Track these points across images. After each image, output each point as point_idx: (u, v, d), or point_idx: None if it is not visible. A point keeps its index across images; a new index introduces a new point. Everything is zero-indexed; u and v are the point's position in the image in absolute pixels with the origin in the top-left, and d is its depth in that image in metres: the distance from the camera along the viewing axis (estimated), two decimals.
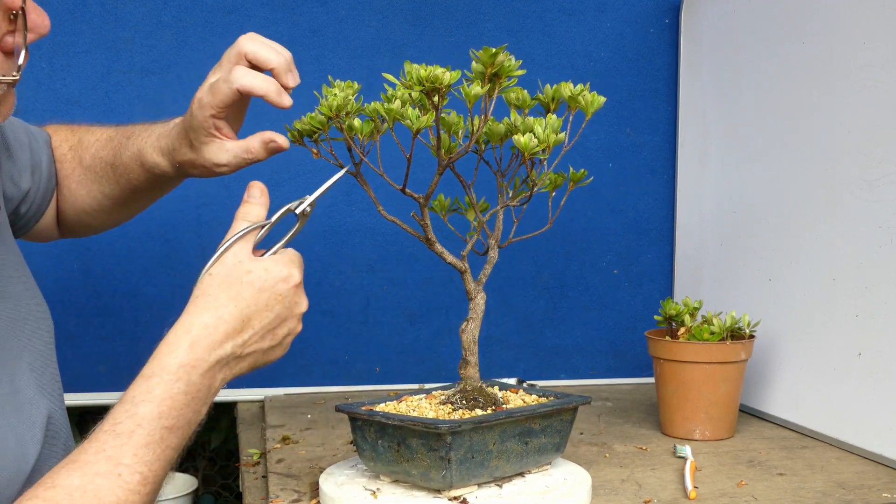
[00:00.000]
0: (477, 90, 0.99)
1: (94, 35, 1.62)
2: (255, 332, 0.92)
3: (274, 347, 0.95)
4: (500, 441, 1.03)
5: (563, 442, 1.12)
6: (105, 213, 1.23)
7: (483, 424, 1.01)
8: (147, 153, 1.14)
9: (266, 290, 0.92)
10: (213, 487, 2.14)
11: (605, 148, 1.81)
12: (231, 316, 0.91)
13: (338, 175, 1.02)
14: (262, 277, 0.93)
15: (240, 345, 0.91)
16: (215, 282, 0.92)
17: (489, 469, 1.03)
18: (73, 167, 1.22)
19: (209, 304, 0.91)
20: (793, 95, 1.45)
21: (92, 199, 1.21)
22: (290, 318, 0.95)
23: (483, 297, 1.12)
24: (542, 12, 1.78)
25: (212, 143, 1.08)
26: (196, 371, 0.88)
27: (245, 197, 0.99)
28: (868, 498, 1.10)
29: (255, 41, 1.04)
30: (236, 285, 0.92)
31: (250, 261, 0.93)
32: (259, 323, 0.92)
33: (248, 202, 0.98)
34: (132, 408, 0.86)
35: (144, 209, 1.27)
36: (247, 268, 0.93)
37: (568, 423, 1.11)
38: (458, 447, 0.99)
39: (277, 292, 0.93)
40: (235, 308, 0.91)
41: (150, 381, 0.87)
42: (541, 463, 1.11)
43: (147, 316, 1.67)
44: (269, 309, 0.93)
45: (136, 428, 0.84)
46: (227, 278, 0.92)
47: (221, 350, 0.90)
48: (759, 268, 1.53)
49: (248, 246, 0.95)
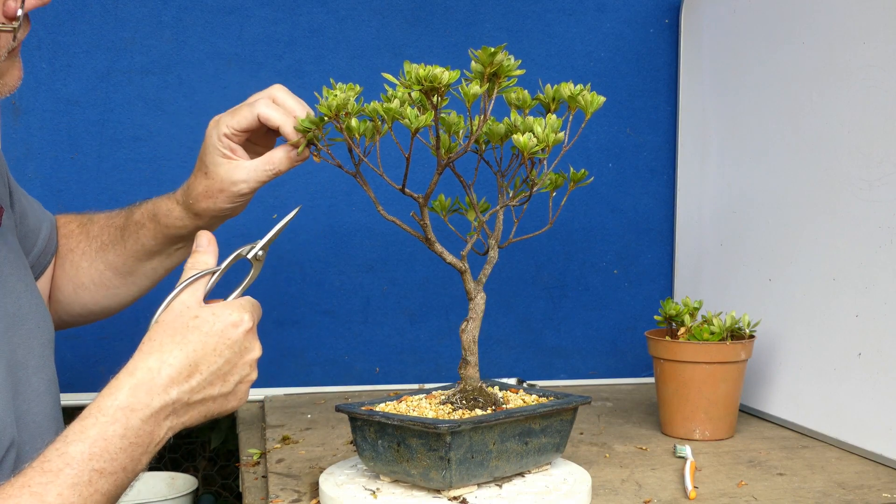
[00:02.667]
0: (476, 90, 0.99)
1: (94, 35, 1.62)
2: (203, 378, 0.90)
3: (227, 395, 0.92)
4: (500, 441, 1.03)
5: (563, 442, 1.12)
6: (105, 287, 1.22)
7: (483, 424, 1.01)
8: (160, 203, 1.15)
9: (214, 335, 0.91)
10: (213, 487, 2.14)
11: (605, 148, 1.81)
12: (177, 360, 0.89)
13: (287, 218, 1.02)
14: (210, 321, 0.91)
15: (187, 391, 0.89)
16: (161, 328, 0.91)
17: (489, 469, 1.03)
18: (79, 240, 1.22)
19: (154, 348, 0.89)
20: (793, 95, 1.45)
21: (94, 270, 1.21)
22: (242, 365, 0.93)
23: (483, 297, 1.12)
24: (542, 12, 1.78)
25: (227, 164, 1.08)
26: (136, 415, 0.86)
27: (193, 247, 0.98)
28: (868, 498, 1.10)
29: (284, 92, 1.07)
30: (182, 330, 0.90)
31: (198, 307, 0.92)
32: (207, 368, 0.90)
33: (196, 252, 0.97)
34: (63, 446, 0.83)
35: (143, 290, 1.26)
36: (194, 313, 0.91)
37: (568, 423, 1.11)
38: (457, 447, 0.99)
39: (227, 337, 0.91)
40: (181, 353, 0.89)
41: (84, 422, 0.85)
42: (541, 463, 1.10)
43: (147, 316, 1.66)
44: (218, 354, 0.91)
45: (65, 467, 0.82)
46: (173, 324, 0.91)
47: (166, 395, 0.87)
48: (759, 268, 1.53)
49: (197, 293, 0.93)
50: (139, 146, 1.65)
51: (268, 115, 1.05)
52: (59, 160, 1.62)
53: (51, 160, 1.62)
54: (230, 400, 0.93)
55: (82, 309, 1.24)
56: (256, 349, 0.94)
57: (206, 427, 2.07)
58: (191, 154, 1.65)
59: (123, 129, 1.64)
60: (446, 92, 1.00)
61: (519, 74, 1.02)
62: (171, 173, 1.66)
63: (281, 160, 1.07)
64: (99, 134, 1.64)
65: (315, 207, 1.72)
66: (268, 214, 1.70)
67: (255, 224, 1.69)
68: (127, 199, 1.63)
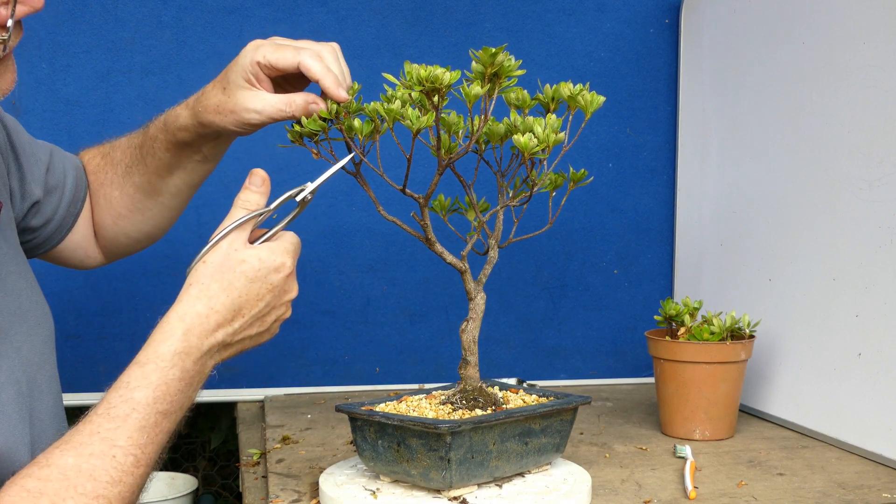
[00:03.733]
0: (477, 90, 0.99)
1: (94, 35, 1.62)
2: (245, 321, 0.94)
3: (262, 333, 0.97)
4: (500, 441, 1.03)
5: (563, 442, 1.12)
6: (139, 211, 1.23)
7: (483, 424, 1.01)
8: (171, 113, 1.15)
9: (258, 281, 0.94)
10: (213, 487, 2.14)
11: (605, 148, 1.81)
12: (223, 306, 0.93)
13: (340, 163, 1.03)
14: (256, 267, 0.94)
15: (230, 333, 0.94)
16: (209, 270, 0.94)
17: (489, 469, 1.03)
18: (106, 171, 1.24)
19: (202, 293, 0.93)
20: (793, 95, 1.45)
21: (126, 196, 1.23)
22: (279, 306, 0.97)
23: (483, 298, 1.12)
24: (542, 12, 1.78)
25: (247, 90, 1.07)
26: (189, 358, 0.90)
27: (246, 183, 1.00)
28: (868, 498, 1.10)
29: (335, 54, 1.07)
30: (229, 275, 0.94)
31: (245, 249, 0.95)
32: (249, 312, 0.94)
33: (248, 188, 1.00)
34: (127, 392, 0.87)
35: (174, 209, 1.26)
36: (241, 257, 0.94)
37: (568, 424, 1.11)
38: (457, 447, 0.99)
39: (269, 282, 0.95)
40: (227, 298, 0.93)
41: (145, 368, 0.89)
42: (541, 463, 1.10)
43: (147, 316, 1.66)
44: (260, 299, 0.95)
45: (132, 412, 0.86)
46: (220, 267, 0.94)
47: (213, 338, 0.92)
48: (759, 268, 1.53)
49: (244, 234, 0.96)
50: None
51: (309, 66, 1.04)
52: None
53: None
54: (264, 336, 0.98)
55: (127, 238, 1.26)
56: (294, 290, 0.98)
57: (206, 427, 2.07)
58: None
59: (123, 129, 1.63)
60: (447, 92, 1.00)
61: (520, 75, 1.02)
62: None
63: (299, 107, 1.06)
64: (99, 134, 1.63)
65: (315, 207, 1.71)
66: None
67: None
68: None
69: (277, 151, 1.69)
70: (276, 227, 0.99)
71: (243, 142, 1.69)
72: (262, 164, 1.72)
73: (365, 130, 1.05)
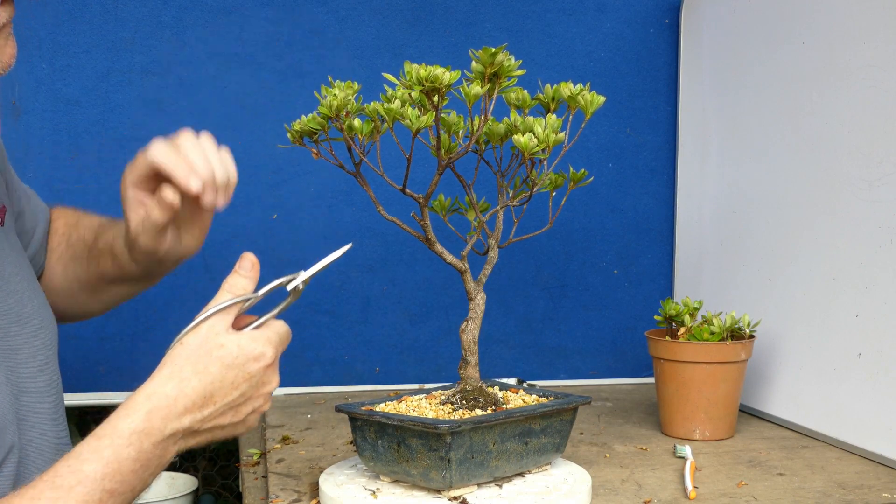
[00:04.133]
0: (477, 90, 0.99)
1: (94, 35, 1.62)
2: (216, 409, 0.89)
3: (235, 424, 0.91)
4: (500, 441, 1.03)
5: (563, 442, 1.12)
6: (72, 296, 1.21)
7: (483, 424, 1.01)
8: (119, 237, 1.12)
9: (234, 368, 0.89)
10: (213, 487, 2.14)
11: (605, 148, 1.81)
12: (194, 390, 0.88)
13: (336, 254, 0.99)
14: (234, 354, 0.89)
15: (199, 420, 0.88)
16: (185, 352, 0.89)
17: (489, 469, 1.03)
18: (59, 243, 1.21)
19: (174, 374, 0.88)
20: (793, 95, 1.45)
21: (64, 278, 1.20)
22: (256, 397, 0.92)
23: (483, 298, 1.12)
24: (542, 12, 1.78)
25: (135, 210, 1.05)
26: (149, 439, 0.86)
27: (235, 267, 0.96)
28: (868, 498, 1.10)
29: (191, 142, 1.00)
30: (205, 359, 0.89)
31: (225, 335, 0.90)
32: (222, 400, 0.89)
33: (236, 272, 0.95)
34: (77, 463, 0.83)
35: (111, 307, 1.24)
36: (220, 342, 0.90)
37: (568, 424, 1.12)
38: (457, 447, 0.99)
39: (247, 371, 0.90)
40: (199, 383, 0.88)
41: (100, 441, 0.85)
42: (540, 463, 1.10)
43: (147, 316, 1.67)
44: (236, 387, 0.89)
45: (77, 484, 0.82)
46: (196, 350, 0.89)
47: (178, 423, 0.87)
48: (759, 268, 1.53)
49: (227, 319, 0.92)
50: (139, 146, 1.63)
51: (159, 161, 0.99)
52: (59, 160, 1.62)
53: (51, 160, 1.62)
54: (238, 427, 0.92)
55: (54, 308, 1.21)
56: (274, 382, 0.92)
57: None
58: None
59: (123, 129, 1.64)
60: (447, 92, 1.00)
61: (519, 75, 1.02)
62: None
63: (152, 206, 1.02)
64: (99, 134, 1.63)
65: (315, 207, 1.72)
66: (267, 214, 1.70)
67: (254, 224, 1.69)
68: None
69: (277, 152, 1.70)
70: (266, 315, 0.94)
71: (243, 142, 1.69)
72: (262, 164, 1.73)
73: (365, 130, 1.05)
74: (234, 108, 1.68)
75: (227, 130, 1.68)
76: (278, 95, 1.69)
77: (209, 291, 1.79)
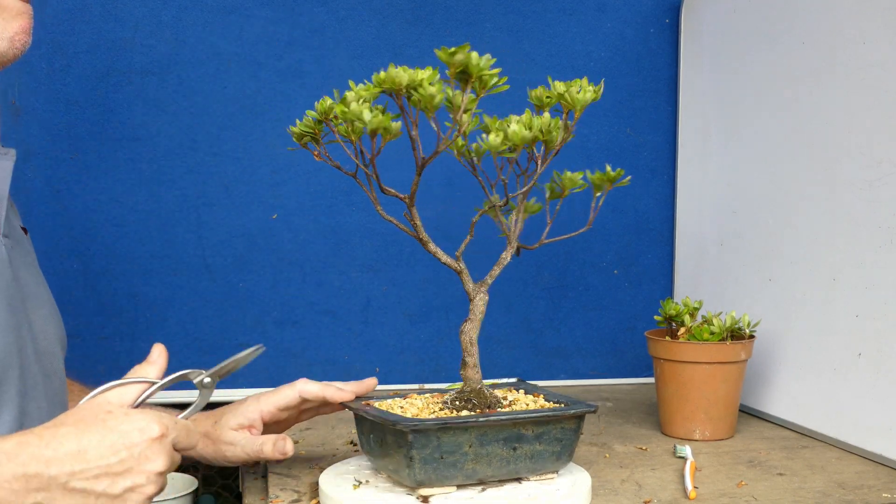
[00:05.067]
0: (432, 90, 0.98)
1: (94, 35, 1.62)
2: (88, 468, 0.85)
3: (112, 498, 0.87)
4: (480, 444, 1.02)
5: (564, 451, 1.08)
6: None
7: (451, 425, 1.00)
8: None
9: (116, 432, 0.87)
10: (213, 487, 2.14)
11: (605, 148, 1.81)
12: (67, 440, 0.85)
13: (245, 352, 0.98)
14: (118, 420, 0.88)
15: (67, 473, 0.84)
16: (73, 414, 0.89)
17: (464, 471, 1.02)
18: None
19: (54, 424, 0.88)
20: (793, 95, 1.45)
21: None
22: (138, 472, 0.87)
23: (482, 299, 1.12)
24: (542, 12, 1.78)
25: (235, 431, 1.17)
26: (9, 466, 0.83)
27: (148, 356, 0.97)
28: (868, 498, 1.10)
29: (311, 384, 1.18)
30: (88, 418, 0.88)
31: (117, 407, 0.90)
32: (96, 461, 0.85)
33: (145, 361, 0.96)
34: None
35: None
36: (108, 409, 0.89)
37: (571, 432, 1.07)
38: (420, 446, 0.99)
39: (129, 439, 0.87)
40: (74, 436, 0.86)
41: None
42: (538, 471, 1.07)
43: (147, 316, 1.67)
44: (114, 452, 0.86)
45: None
46: (83, 410, 0.89)
47: (45, 468, 0.83)
48: (759, 268, 1.53)
49: (125, 396, 0.92)
50: (139, 146, 1.65)
51: (308, 390, 1.17)
52: (59, 160, 1.62)
53: (51, 160, 1.62)
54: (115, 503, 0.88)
55: None
56: (161, 463, 0.88)
57: None
58: (191, 154, 1.66)
59: (123, 129, 1.64)
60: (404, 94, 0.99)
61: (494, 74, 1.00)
62: (171, 173, 1.66)
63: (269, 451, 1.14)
64: (99, 134, 1.63)
65: (315, 207, 1.72)
66: (267, 214, 1.70)
67: (254, 224, 1.69)
68: (127, 199, 1.64)
69: (277, 152, 1.70)
70: (182, 413, 0.96)
71: (243, 142, 1.69)
72: (262, 163, 1.73)
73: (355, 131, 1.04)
74: (234, 108, 1.68)
75: (227, 130, 1.68)
76: (278, 95, 1.69)
77: (209, 291, 1.80)
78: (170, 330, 1.67)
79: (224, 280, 1.69)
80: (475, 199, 1.13)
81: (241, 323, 1.69)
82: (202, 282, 1.68)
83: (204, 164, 1.67)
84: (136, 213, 1.65)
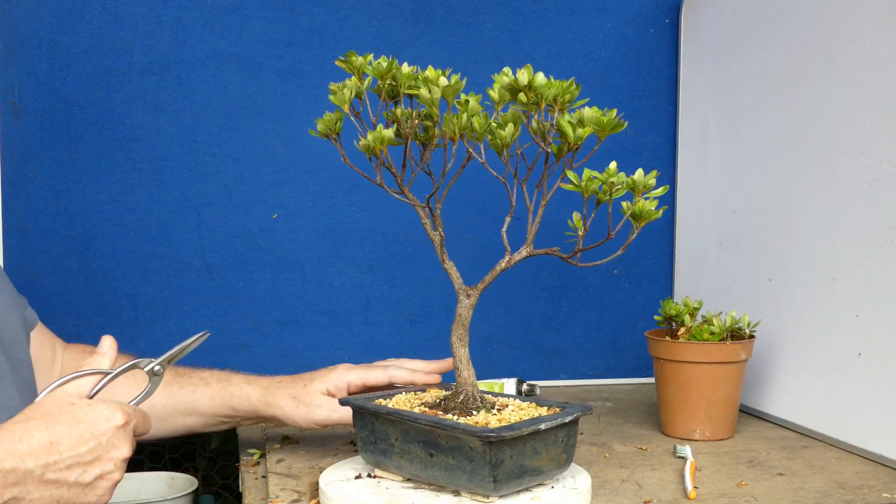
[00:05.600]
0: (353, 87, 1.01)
1: (94, 35, 1.62)
2: (61, 458, 0.88)
3: (84, 486, 0.90)
4: (403, 440, 1.04)
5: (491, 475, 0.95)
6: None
7: (379, 413, 1.06)
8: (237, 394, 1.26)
9: (84, 423, 0.90)
10: (213, 487, 2.14)
11: (605, 148, 1.80)
12: (39, 433, 0.88)
13: (191, 340, 1.05)
14: (84, 411, 0.91)
15: (42, 465, 0.87)
16: (35, 408, 0.91)
17: (394, 462, 1.06)
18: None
19: (21, 419, 0.89)
20: (793, 95, 1.45)
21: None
22: (106, 460, 0.91)
23: (464, 305, 1.12)
24: (542, 12, 1.78)
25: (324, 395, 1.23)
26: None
27: (97, 347, 1.01)
28: (868, 498, 1.10)
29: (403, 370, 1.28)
30: (55, 412, 0.90)
31: (78, 398, 0.93)
32: (68, 451, 0.89)
33: (95, 352, 1.00)
34: None
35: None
36: (71, 401, 0.92)
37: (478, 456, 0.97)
38: (360, 427, 1.09)
39: (96, 428, 0.91)
40: (45, 429, 0.89)
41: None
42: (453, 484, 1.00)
43: (147, 316, 1.67)
44: (83, 442, 0.90)
45: None
46: (47, 404, 0.91)
47: (21, 462, 0.86)
48: (759, 268, 1.53)
49: (82, 388, 0.95)
50: (139, 146, 1.65)
51: (399, 376, 1.26)
52: (59, 160, 1.62)
53: (51, 160, 1.62)
54: (87, 493, 0.91)
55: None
56: (126, 450, 0.93)
57: None
58: (190, 154, 1.66)
59: (123, 129, 1.65)
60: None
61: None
62: (171, 173, 1.66)
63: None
64: (99, 134, 1.64)
65: (315, 207, 1.72)
66: (267, 214, 1.70)
67: (254, 224, 1.69)
68: (127, 199, 1.64)
69: (277, 152, 1.70)
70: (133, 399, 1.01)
71: (243, 142, 1.69)
72: (262, 163, 1.73)
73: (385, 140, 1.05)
74: (234, 108, 1.68)
75: (227, 130, 1.68)
76: (278, 95, 1.69)
77: (209, 291, 1.80)
78: (170, 330, 1.67)
79: (224, 280, 1.69)
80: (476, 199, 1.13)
81: (241, 323, 1.70)
82: (202, 282, 1.68)
83: (204, 164, 1.67)
84: (136, 213, 1.65)
